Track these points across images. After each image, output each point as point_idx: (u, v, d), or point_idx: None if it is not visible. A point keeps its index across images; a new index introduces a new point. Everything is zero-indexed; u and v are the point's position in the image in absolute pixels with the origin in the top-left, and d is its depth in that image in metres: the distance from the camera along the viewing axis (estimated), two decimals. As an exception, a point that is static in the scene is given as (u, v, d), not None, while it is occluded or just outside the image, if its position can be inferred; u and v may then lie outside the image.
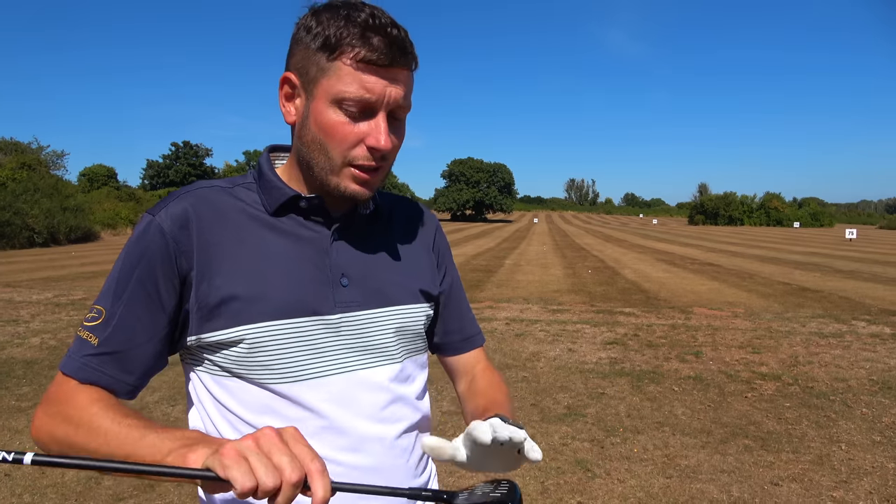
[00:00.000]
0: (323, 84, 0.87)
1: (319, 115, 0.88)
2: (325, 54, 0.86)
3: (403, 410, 0.99)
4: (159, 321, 0.89)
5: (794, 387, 5.29)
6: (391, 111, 0.89)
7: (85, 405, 0.82)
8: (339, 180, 0.90)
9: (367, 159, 0.89)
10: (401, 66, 0.87)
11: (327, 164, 0.90)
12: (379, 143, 0.87)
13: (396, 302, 1.00)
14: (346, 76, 0.85)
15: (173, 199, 0.92)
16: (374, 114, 0.88)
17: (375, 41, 0.84)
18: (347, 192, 0.91)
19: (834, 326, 7.97)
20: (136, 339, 0.87)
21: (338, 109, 0.87)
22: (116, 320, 0.87)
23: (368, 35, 0.84)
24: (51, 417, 0.84)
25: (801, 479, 3.54)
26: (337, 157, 0.89)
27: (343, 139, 0.87)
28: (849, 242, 31.28)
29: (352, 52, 0.84)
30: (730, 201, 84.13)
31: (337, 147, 0.88)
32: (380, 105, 0.87)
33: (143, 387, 0.91)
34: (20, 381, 5.28)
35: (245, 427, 0.91)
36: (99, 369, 0.85)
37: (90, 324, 0.87)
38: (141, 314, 0.87)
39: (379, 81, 0.86)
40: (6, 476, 3.47)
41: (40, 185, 27.88)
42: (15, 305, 9.19)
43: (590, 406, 4.78)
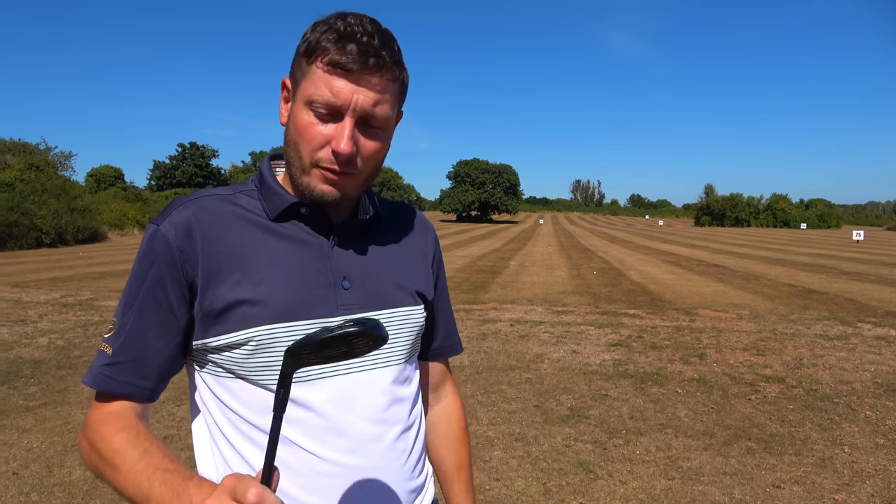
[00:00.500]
0: (302, 87, 0.90)
1: (295, 115, 0.92)
2: (305, 59, 0.90)
3: (402, 412, 1.02)
4: (171, 327, 0.92)
5: (797, 389, 5.29)
6: (364, 118, 0.90)
7: (109, 438, 0.88)
8: (308, 179, 0.93)
9: (330, 162, 0.90)
10: (371, 72, 0.88)
11: (299, 163, 0.93)
12: (338, 147, 0.88)
13: (396, 304, 1.02)
14: (318, 79, 0.88)
15: (176, 208, 0.94)
16: (341, 118, 0.89)
17: (348, 47, 0.87)
18: (316, 192, 0.93)
19: (839, 329, 7.95)
20: (148, 347, 0.91)
21: (309, 111, 0.90)
22: (128, 330, 0.91)
23: (342, 41, 0.87)
24: (88, 444, 0.90)
25: (804, 481, 3.54)
26: (306, 157, 0.91)
27: (311, 139, 0.90)
28: (856, 244, 31.14)
29: (325, 57, 0.87)
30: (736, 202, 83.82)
31: (306, 147, 0.91)
32: (345, 109, 0.88)
33: (161, 390, 0.95)
34: (28, 381, 5.33)
35: (247, 427, 0.93)
36: (115, 377, 0.90)
37: (107, 335, 0.93)
38: (152, 322, 0.91)
39: (347, 86, 0.87)
40: (14, 475, 3.51)
41: (48, 186, 28.05)
42: (23, 306, 9.27)
43: (593, 408, 4.79)
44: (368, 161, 0.94)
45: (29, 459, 3.73)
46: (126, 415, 0.91)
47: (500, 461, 3.78)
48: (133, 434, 0.87)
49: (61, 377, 5.45)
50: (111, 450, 0.86)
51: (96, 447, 0.88)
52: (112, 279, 12.76)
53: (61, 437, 4.06)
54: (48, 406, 4.69)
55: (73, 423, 4.33)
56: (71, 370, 5.68)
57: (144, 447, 0.85)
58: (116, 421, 0.89)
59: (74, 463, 3.67)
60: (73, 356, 6.20)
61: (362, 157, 0.92)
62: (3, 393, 5.01)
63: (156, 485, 0.80)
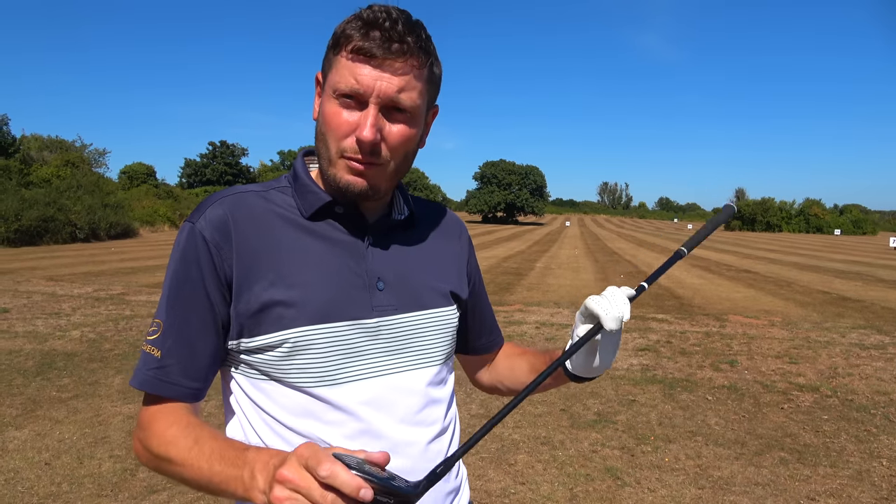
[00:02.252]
0: (329, 78, 0.90)
1: (323, 107, 0.91)
2: (333, 50, 0.89)
3: (437, 413, 1.00)
4: (214, 326, 0.91)
5: (832, 399, 5.15)
6: (391, 104, 0.88)
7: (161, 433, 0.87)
8: (335, 171, 0.92)
9: (354, 151, 0.89)
10: (395, 57, 0.86)
11: (326, 154, 0.92)
12: (361, 134, 0.87)
13: (431, 305, 1.01)
14: (343, 68, 0.87)
15: (210, 205, 0.93)
16: (366, 105, 0.88)
17: (372, 33, 0.85)
18: (342, 183, 0.92)
19: (876, 338, 7.72)
20: (195, 347, 0.90)
21: (335, 101, 0.89)
22: (174, 331, 0.90)
23: (367, 29, 0.86)
24: (141, 444, 0.91)
25: (840, 494, 3.44)
26: (332, 147, 0.90)
27: (336, 128, 0.89)
28: (893, 251, 30.31)
29: (349, 44, 0.86)
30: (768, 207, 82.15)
31: (332, 137, 0.90)
32: (368, 96, 0.87)
33: (207, 388, 0.94)
34: (61, 373, 5.44)
35: (283, 429, 0.92)
36: (164, 380, 0.89)
37: (152, 337, 0.91)
38: (196, 322, 0.90)
39: (371, 73, 0.86)
40: (46, 465, 3.58)
41: (83, 182, 28.73)
42: (57, 299, 9.47)
43: (620, 413, 4.72)
44: (396, 150, 0.91)
45: (61, 450, 3.79)
46: (176, 410, 0.90)
47: (525, 465, 3.74)
48: (183, 426, 0.87)
49: (93, 370, 5.55)
50: (164, 444, 0.86)
51: (149, 445, 0.88)
52: (143, 274, 12.99)
53: (92, 430, 4.13)
54: (80, 398, 4.77)
55: (104, 415, 4.40)
56: (102, 363, 5.78)
57: (196, 434, 0.85)
58: (166, 417, 0.89)
59: (104, 455, 3.73)
60: (104, 349, 6.31)
61: (388, 146, 0.90)
62: (37, 384, 5.12)
63: (214, 464, 0.79)
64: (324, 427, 0.91)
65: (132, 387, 0.92)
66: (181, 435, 0.86)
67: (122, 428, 4.16)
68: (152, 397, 0.91)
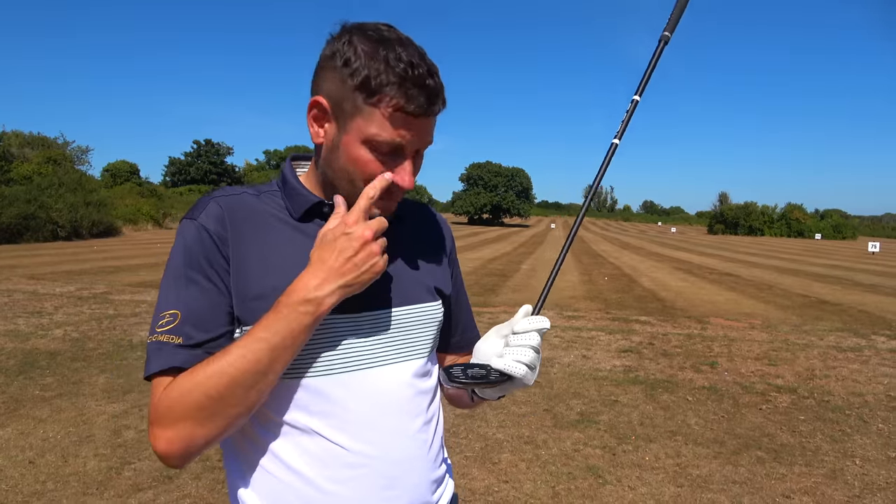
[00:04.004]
0: (358, 122, 0.91)
1: (350, 149, 0.92)
2: (362, 95, 0.89)
3: (423, 404, 1.05)
4: (227, 308, 0.94)
5: (809, 400, 5.26)
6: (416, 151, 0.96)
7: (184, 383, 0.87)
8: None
9: (388, 194, 0.95)
10: (434, 115, 0.93)
11: (353, 191, 0.95)
12: (404, 183, 0.94)
13: (417, 300, 1.06)
14: (381, 122, 0.89)
15: (209, 202, 0.98)
16: (402, 155, 0.93)
17: (413, 92, 0.88)
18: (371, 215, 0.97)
19: (853, 340, 7.88)
20: (215, 330, 0.92)
21: (368, 149, 0.92)
22: (195, 317, 0.91)
23: (407, 86, 0.88)
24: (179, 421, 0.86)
25: (814, 492, 3.53)
26: (360, 186, 0.94)
27: (371, 175, 0.93)
28: (871, 256, 30.82)
29: (391, 102, 0.88)
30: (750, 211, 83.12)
31: (363, 181, 0.94)
32: (410, 149, 0.93)
33: None
34: (44, 372, 5.41)
35: (273, 420, 0.96)
36: (191, 360, 0.89)
37: (167, 328, 0.90)
38: (211, 306, 0.92)
39: (412, 130, 0.91)
40: (30, 464, 3.57)
41: (65, 180, 28.40)
42: (39, 297, 9.39)
43: (603, 413, 4.79)
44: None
45: (45, 449, 3.79)
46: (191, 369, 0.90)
47: (508, 464, 3.80)
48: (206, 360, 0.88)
49: (76, 369, 5.52)
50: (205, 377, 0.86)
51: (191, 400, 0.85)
52: (126, 273, 12.89)
53: (76, 428, 4.12)
54: (63, 397, 4.76)
55: (88, 414, 4.39)
56: (85, 362, 5.75)
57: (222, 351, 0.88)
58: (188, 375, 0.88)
59: (89, 453, 3.73)
60: (87, 348, 6.28)
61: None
62: (19, 383, 5.09)
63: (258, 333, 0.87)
64: (312, 417, 0.95)
65: (152, 373, 0.89)
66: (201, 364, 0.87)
67: (106, 427, 4.15)
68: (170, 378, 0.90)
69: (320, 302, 0.87)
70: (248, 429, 0.98)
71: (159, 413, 0.87)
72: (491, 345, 1.00)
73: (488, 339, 1.01)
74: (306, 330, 0.87)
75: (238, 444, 1.00)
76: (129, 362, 5.78)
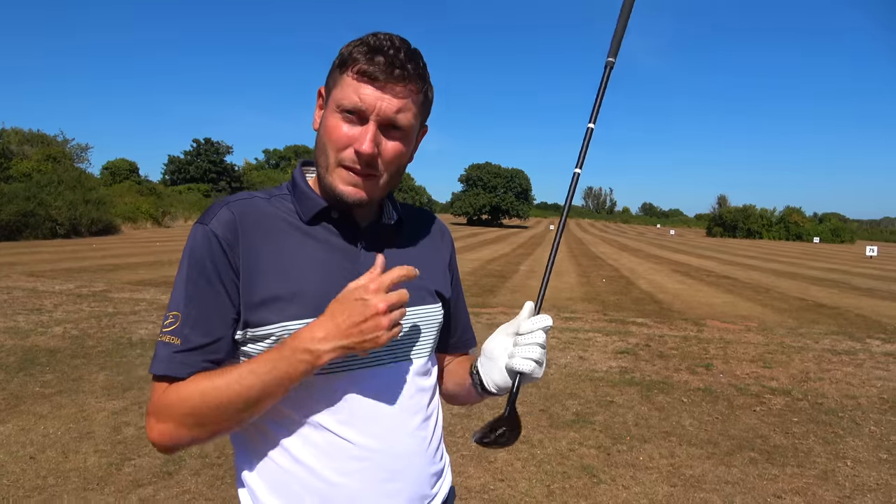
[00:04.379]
0: (333, 93, 1.00)
1: (326, 119, 1.01)
2: (339, 70, 1.00)
3: (423, 401, 1.11)
4: (230, 314, 0.99)
5: (803, 402, 5.31)
6: (388, 123, 0.99)
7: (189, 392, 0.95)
8: (332, 179, 1.02)
9: (352, 162, 0.99)
10: (396, 81, 0.97)
11: (325, 162, 1.02)
12: (360, 147, 0.98)
13: (419, 303, 1.11)
14: (348, 86, 0.98)
15: (221, 208, 1.02)
16: (366, 122, 0.99)
17: (377, 58, 0.97)
18: (338, 191, 1.01)
19: (847, 344, 7.94)
20: (213, 333, 0.98)
21: (337, 115, 0.99)
22: (192, 321, 0.97)
23: (372, 53, 0.97)
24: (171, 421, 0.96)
25: (805, 492, 3.57)
26: (331, 156, 1.00)
27: (337, 140, 0.99)
28: (869, 259, 30.90)
29: (355, 66, 0.97)
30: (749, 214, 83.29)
31: (332, 147, 1.00)
32: (370, 114, 0.98)
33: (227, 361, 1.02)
34: (44, 369, 5.44)
35: (282, 416, 1.01)
36: (186, 363, 0.96)
37: (169, 329, 0.98)
38: (212, 310, 0.98)
39: (373, 93, 0.97)
40: (31, 459, 3.61)
41: (64, 178, 28.42)
42: (39, 295, 9.42)
43: (598, 413, 4.83)
44: (390, 164, 1.02)
45: (45, 445, 3.82)
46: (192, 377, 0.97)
47: (504, 462, 3.84)
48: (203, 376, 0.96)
49: (76, 366, 5.56)
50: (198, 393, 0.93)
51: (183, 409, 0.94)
52: (125, 272, 12.93)
53: (77, 425, 4.16)
54: (63, 394, 4.79)
55: (88, 411, 4.43)
56: (85, 360, 5.79)
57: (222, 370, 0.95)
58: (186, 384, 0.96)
59: (89, 449, 3.77)
60: (87, 346, 6.31)
61: (383, 160, 1.01)
62: (19, 380, 5.12)
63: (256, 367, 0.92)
64: (320, 412, 1.00)
65: (155, 373, 0.98)
66: (206, 378, 0.94)
67: (106, 424, 4.19)
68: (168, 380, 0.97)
69: (319, 355, 0.92)
70: (258, 421, 1.03)
71: (156, 408, 0.97)
72: (499, 343, 1.06)
73: (496, 338, 1.07)
74: (300, 376, 0.93)
75: (247, 435, 1.05)
76: (128, 360, 5.82)
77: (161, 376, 0.97)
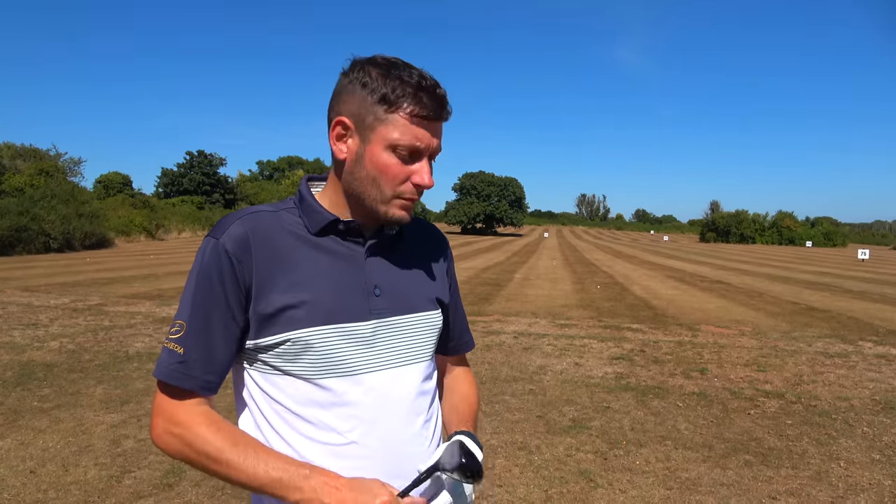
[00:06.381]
0: (380, 131, 1.05)
1: (375, 156, 1.06)
2: (383, 107, 1.04)
3: (425, 404, 1.17)
4: (233, 329, 1.06)
5: (797, 405, 5.37)
6: (430, 154, 1.09)
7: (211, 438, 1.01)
8: (387, 209, 1.09)
9: (412, 193, 1.09)
10: (443, 120, 1.07)
11: (379, 196, 1.08)
12: (424, 182, 1.07)
13: (420, 309, 1.18)
14: (402, 127, 1.04)
15: (232, 223, 1.08)
16: (420, 158, 1.07)
17: (426, 99, 1.03)
18: (394, 218, 1.10)
19: (840, 346, 8.02)
20: (214, 345, 1.05)
21: (392, 153, 1.05)
22: (197, 331, 1.04)
23: (420, 95, 1.03)
24: (174, 438, 1.03)
25: (799, 493, 3.62)
26: (388, 191, 1.07)
27: (395, 177, 1.06)
28: (861, 263, 31.12)
29: (408, 108, 1.03)
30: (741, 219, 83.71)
31: (388, 183, 1.07)
32: (426, 151, 1.07)
33: (220, 383, 1.08)
34: (41, 384, 5.45)
35: (292, 417, 1.07)
36: (186, 373, 1.03)
37: (175, 336, 1.05)
38: (216, 323, 1.04)
39: (427, 133, 1.06)
40: (31, 473, 3.62)
41: (57, 192, 28.33)
42: (34, 309, 9.41)
43: (595, 419, 4.88)
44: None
45: (45, 459, 3.84)
46: (213, 415, 1.05)
47: (502, 469, 3.88)
48: (229, 433, 1.02)
49: (73, 380, 5.57)
50: (215, 449, 1.00)
51: (195, 446, 1.01)
52: (120, 285, 12.91)
53: (76, 438, 4.18)
54: (62, 408, 4.81)
55: (87, 424, 4.45)
56: (82, 374, 5.80)
57: (246, 442, 1.01)
58: (209, 422, 1.03)
59: (89, 463, 3.78)
60: (84, 360, 6.32)
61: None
62: (17, 394, 5.13)
63: (271, 472, 0.98)
64: (328, 413, 1.07)
65: (156, 377, 1.05)
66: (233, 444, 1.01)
67: (105, 437, 4.21)
68: (172, 388, 1.05)
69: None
70: (269, 424, 1.09)
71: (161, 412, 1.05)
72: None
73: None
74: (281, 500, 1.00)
75: (256, 435, 1.10)
76: (125, 373, 5.83)
77: (165, 384, 1.04)
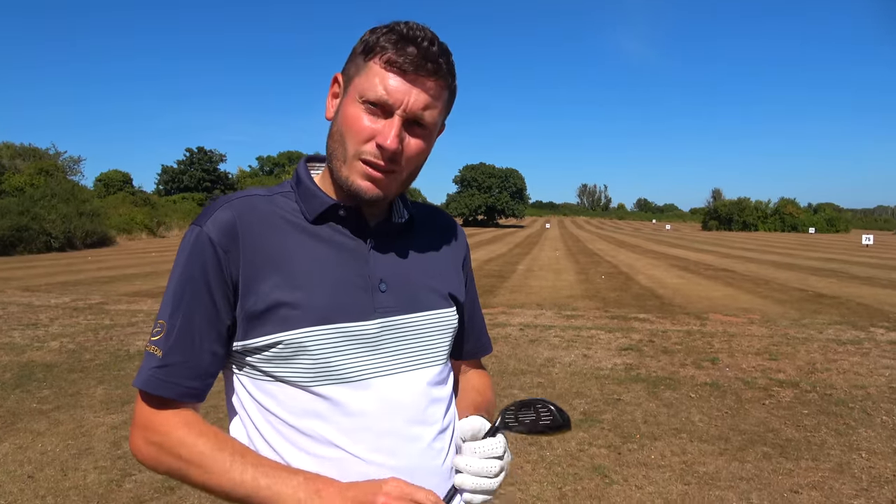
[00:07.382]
0: (355, 82, 0.93)
1: (345, 108, 0.93)
2: (363, 56, 0.92)
3: (438, 413, 1.01)
4: (217, 328, 0.92)
5: (812, 394, 5.25)
6: (413, 119, 0.92)
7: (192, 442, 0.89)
8: (348, 173, 0.94)
9: (374, 156, 0.91)
10: (427, 75, 0.90)
11: (342, 154, 0.94)
12: (384, 142, 0.90)
13: (432, 307, 1.03)
14: (374, 76, 0.90)
15: (218, 208, 0.95)
16: (391, 115, 0.91)
17: (408, 49, 0.89)
18: (354, 187, 0.94)
19: (852, 333, 7.89)
20: (197, 348, 0.91)
21: (360, 105, 0.91)
22: (177, 332, 0.91)
23: (402, 43, 0.89)
24: (153, 447, 0.91)
25: (822, 486, 3.51)
26: (350, 149, 0.92)
27: (358, 132, 0.91)
28: (865, 248, 30.97)
29: (383, 55, 0.89)
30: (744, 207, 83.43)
31: (352, 139, 0.92)
32: (396, 108, 0.90)
33: (207, 390, 0.95)
34: (41, 385, 5.35)
35: (287, 429, 0.93)
36: (166, 380, 0.90)
37: (155, 338, 0.92)
38: (199, 323, 0.91)
39: (401, 85, 0.90)
40: (29, 478, 3.52)
41: (57, 191, 28.26)
42: (34, 309, 9.31)
43: (606, 412, 4.76)
44: (410, 161, 0.95)
45: (43, 463, 3.73)
46: (195, 419, 0.92)
47: (514, 466, 3.76)
48: (212, 437, 0.89)
49: (73, 381, 5.47)
50: (197, 453, 0.88)
51: (175, 451, 0.89)
52: (121, 283, 12.82)
53: (75, 441, 4.07)
54: (61, 410, 4.70)
55: (87, 426, 4.34)
56: (82, 374, 5.70)
57: (232, 447, 0.89)
58: (190, 426, 0.90)
59: (89, 466, 3.68)
60: (84, 360, 6.22)
61: (405, 157, 0.93)
62: (16, 396, 5.03)
63: (259, 478, 0.86)
64: (327, 425, 0.92)
65: (135, 387, 0.93)
66: (216, 448, 0.88)
67: (105, 439, 4.10)
68: (153, 397, 0.92)
69: None
70: (261, 437, 0.95)
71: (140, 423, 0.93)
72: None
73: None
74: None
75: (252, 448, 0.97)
76: (126, 373, 5.73)
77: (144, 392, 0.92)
